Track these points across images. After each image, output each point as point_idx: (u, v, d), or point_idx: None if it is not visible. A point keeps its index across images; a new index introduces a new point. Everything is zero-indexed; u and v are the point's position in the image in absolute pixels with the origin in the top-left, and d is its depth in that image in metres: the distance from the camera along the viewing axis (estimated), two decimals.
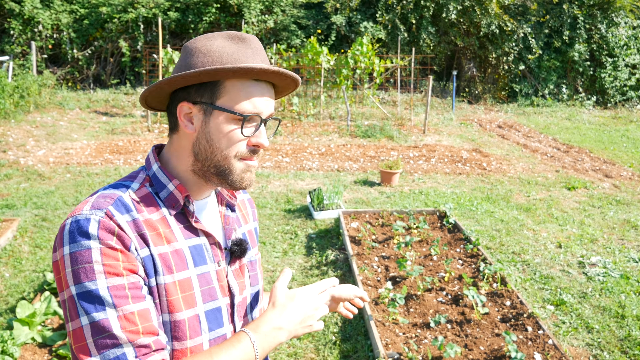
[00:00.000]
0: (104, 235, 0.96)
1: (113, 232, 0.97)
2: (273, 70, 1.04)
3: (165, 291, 1.02)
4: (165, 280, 1.03)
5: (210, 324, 1.09)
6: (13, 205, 5.99)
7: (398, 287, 4.08)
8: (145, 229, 1.03)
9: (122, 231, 0.98)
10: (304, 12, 16.07)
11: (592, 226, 5.90)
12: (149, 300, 1.00)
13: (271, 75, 1.07)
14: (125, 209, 1.03)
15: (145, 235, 1.02)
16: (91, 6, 14.84)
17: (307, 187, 7.03)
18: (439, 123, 12.78)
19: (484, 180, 7.79)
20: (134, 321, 0.95)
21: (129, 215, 1.02)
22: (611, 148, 10.60)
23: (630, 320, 3.85)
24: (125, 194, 1.06)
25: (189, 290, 1.06)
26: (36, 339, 3.24)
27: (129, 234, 0.99)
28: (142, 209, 1.06)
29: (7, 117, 10.35)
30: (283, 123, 11.84)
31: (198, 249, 1.10)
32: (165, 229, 1.07)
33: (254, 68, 1.02)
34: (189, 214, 1.10)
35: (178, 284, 1.05)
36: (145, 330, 0.96)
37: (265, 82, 1.09)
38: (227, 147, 1.07)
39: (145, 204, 1.07)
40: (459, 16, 16.04)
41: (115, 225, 0.98)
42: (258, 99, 1.07)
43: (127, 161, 8.14)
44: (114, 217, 0.99)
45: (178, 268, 1.05)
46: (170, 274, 1.04)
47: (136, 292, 0.97)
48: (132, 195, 1.07)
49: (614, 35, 16.88)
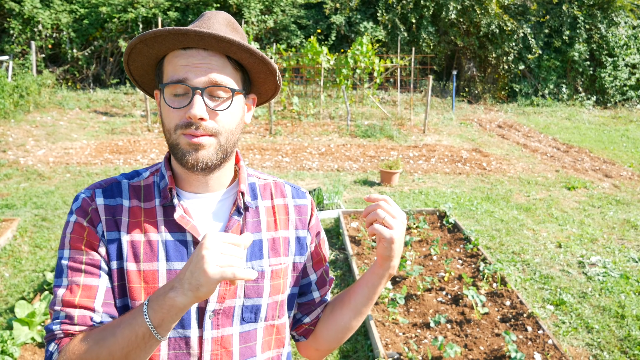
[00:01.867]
0: (80, 212, 1.07)
1: (87, 212, 1.06)
2: (174, 29, 0.97)
3: (127, 277, 1.05)
4: (129, 267, 1.05)
5: None
6: (13, 205, 5.99)
7: (398, 287, 4.08)
8: (124, 215, 1.07)
9: (95, 212, 1.06)
10: (304, 12, 16.07)
11: (592, 226, 5.90)
12: (102, 279, 1.04)
13: (189, 39, 0.99)
14: (114, 194, 1.09)
15: (119, 220, 1.07)
16: (91, 6, 14.84)
17: (307, 187, 7.03)
18: (438, 123, 12.78)
19: (484, 180, 7.79)
20: (75, 293, 1.02)
21: (113, 200, 1.08)
22: (611, 148, 10.60)
23: (630, 320, 3.85)
24: (128, 180, 1.12)
25: (153, 283, 1.05)
26: (36, 339, 3.23)
27: (100, 216, 1.06)
28: (136, 197, 1.10)
29: (6, 116, 10.35)
30: (283, 123, 11.83)
31: (177, 245, 1.07)
32: (150, 219, 1.08)
33: (159, 30, 0.97)
34: (172, 207, 1.09)
35: (143, 274, 1.05)
36: (80, 304, 1.02)
37: (202, 49, 1.01)
38: (168, 121, 1.03)
39: (144, 193, 1.11)
40: (458, 16, 16.04)
41: (91, 206, 1.07)
42: (180, 65, 1.01)
43: (127, 161, 8.14)
44: (95, 199, 1.07)
45: (146, 259, 1.05)
46: (135, 262, 1.05)
47: (91, 268, 1.04)
48: (136, 182, 1.12)
49: (613, 35, 16.87)
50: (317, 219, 1.28)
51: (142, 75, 1.13)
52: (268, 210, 1.17)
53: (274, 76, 1.11)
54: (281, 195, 1.21)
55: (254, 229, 1.14)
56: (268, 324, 1.15)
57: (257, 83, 1.15)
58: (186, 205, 1.10)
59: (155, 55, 1.06)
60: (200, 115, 0.99)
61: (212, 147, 1.03)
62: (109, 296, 1.05)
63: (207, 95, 1.02)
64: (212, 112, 1.02)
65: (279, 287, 1.15)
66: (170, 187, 1.08)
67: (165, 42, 1.00)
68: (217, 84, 1.02)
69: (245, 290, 1.10)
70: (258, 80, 1.13)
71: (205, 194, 1.12)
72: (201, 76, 1.00)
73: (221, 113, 1.03)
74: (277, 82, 1.13)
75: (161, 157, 8.50)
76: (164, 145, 9.36)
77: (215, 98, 1.03)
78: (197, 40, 0.99)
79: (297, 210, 1.22)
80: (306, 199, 1.25)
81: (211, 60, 1.01)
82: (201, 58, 1.01)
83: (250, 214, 1.14)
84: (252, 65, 1.07)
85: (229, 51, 1.02)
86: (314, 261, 1.26)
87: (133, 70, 1.11)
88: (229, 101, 1.04)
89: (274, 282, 1.14)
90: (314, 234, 1.24)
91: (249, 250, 1.12)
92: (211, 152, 1.03)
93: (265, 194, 1.19)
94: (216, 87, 1.02)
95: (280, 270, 1.15)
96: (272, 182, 1.23)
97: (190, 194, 1.12)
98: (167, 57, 1.04)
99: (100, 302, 1.03)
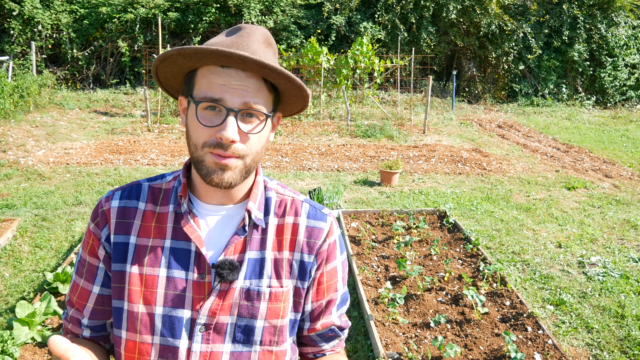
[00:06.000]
0: (93, 216, 1.13)
1: (97, 215, 1.12)
2: (218, 51, 0.95)
3: (129, 279, 1.07)
4: (132, 270, 1.07)
5: (164, 330, 1.05)
6: (13, 205, 5.99)
7: (398, 287, 4.08)
8: (137, 218, 1.10)
9: (104, 214, 1.11)
10: (304, 12, 16.07)
11: (592, 226, 5.90)
12: (95, 286, 1.12)
13: (230, 60, 0.97)
14: (131, 196, 1.12)
15: (130, 223, 1.09)
16: (91, 6, 14.83)
17: (307, 187, 7.03)
18: (439, 123, 12.78)
19: (484, 180, 7.79)
20: (74, 292, 1.15)
21: (130, 202, 1.11)
22: (611, 148, 10.60)
23: (630, 320, 3.85)
24: (150, 182, 1.16)
25: (151, 288, 1.06)
26: (36, 338, 3.23)
27: (109, 218, 1.10)
28: (153, 201, 1.12)
29: (7, 117, 10.35)
30: (283, 123, 11.83)
31: (180, 253, 1.07)
32: (160, 224, 1.09)
33: (201, 49, 0.96)
34: (182, 215, 1.09)
35: (144, 278, 1.07)
36: (76, 304, 1.15)
37: (242, 71, 1.00)
38: (196, 136, 1.01)
39: (163, 197, 1.13)
40: (458, 16, 16.04)
41: (104, 208, 1.12)
42: (218, 84, 0.99)
43: (127, 161, 8.14)
44: (111, 200, 1.12)
45: (149, 263, 1.07)
46: (139, 265, 1.07)
47: (90, 274, 1.13)
48: (158, 185, 1.15)
49: (613, 35, 16.87)
50: (334, 246, 1.17)
51: (168, 78, 1.12)
52: (277, 229, 1.13)
53: (303, 100, 1.11)
54: (294, 214, 1.15)
55: (258, 247, 1.10)
56: (265, 349, 1.09)
57: (286, 103, 1.14)
58: (198, 214, 1.10)
59: (190, 67, 1.05)
60: (232, 138, 0.98)
61: (238, 169, 1.03)
62: (99, 302, 1.14)
63: (240, 117, 1.01)
64: (243, 134, 1.01)
65: (278, 310, 1.09)
66: (182, 194, 1.08)
67: (205, 58, 0.99)
68: (252, 108, 1.00)
69: (238, 308, 1.07)
70: (288, 101, 1.13)
71: (219, 205, 1.11)
72: (237, 98, 0.99)
73: (252, 137, 1.03)
74: (305, 103, 1.12)
75: (161, 157, 8.50)
76: (163, 146, 9.36)
77: (248, 120, 1.02)
78: (239, 63, 0.97)
79: (308, 233, 1.14)
80: (324, 222, 1.16)
81: (249, 82, 1.00)
82: (239, 79, 0.99)
83: (257, 231, 1.11)
84: (287, 89, 1.07)
85: (268, 76, 1.01)
86: (313, 290, 1.16)
87: (161, 74, 1.10)
88: (261, 125, 1.04)
89: (273, 305, 1.09)
90: (322, 261, 1.15)
91: (249, 268, 1.08)
92: (237, 173, 1.03)
93: (278, 211, 1.15)
94: (251, 111, 1.01)
95: (280, 294, 1.09)
96: (290, 199, 1.17)
97: (205, 204, 1.11)
98: (202, 71, 1.02)
99: (89, 308, 1.14)
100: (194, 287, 1.06)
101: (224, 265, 1.04)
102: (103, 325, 1.16)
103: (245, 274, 1.08)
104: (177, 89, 1.16)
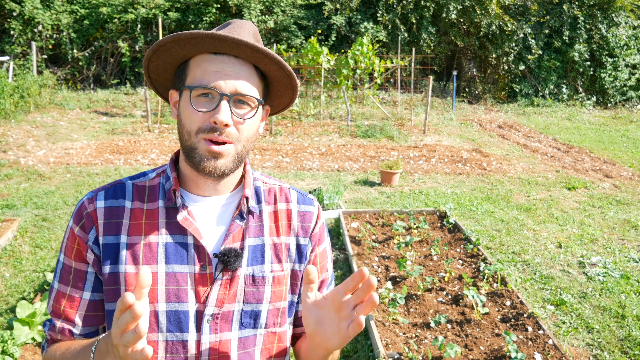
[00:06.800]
0: (75, 218, 1.09)
1: (81, 217, 1.08)
2: (213, 34, 0.97)
3: (125, 280, 1.05)
4: (127, 270, 1.05)
5: (171, 325, 1.05)
6: (13, 205, 5.99)
7: (398, 287, 4.08)
8: (125, 217, 1.08)
9: (90, 216, 1.07)
10: (304, 13, 16.07)
11: (592, 226, 5.90)
12: (86, 292, 1.09)
13: (224, 45, 1.00)
14: (117, 195, 1.10)
15: (119, 223, 1.07)
16: (91, 6, 14.84)
17: (308, 187, 7.03)
18: (439, 123, 12.78)
19: (484, 180, 7.79)
20: (60, 302, 1.10)
21: (116, 202, 1.09)
22: (611, 148, 10.60)
23: (631, 320, 3.85)
24: (133, 181, 1.13)
25: (152, 285, 1.05)
26: (36, 339, 3.24)
27: (97, 220, 1.07)
28: (139, 198, 1.11)
29: (7, 117, 10.35)
30: (283, 123, 11.84)
31: (178, 247, 1.07)
32: (151, 220, 1.08)
33: (196, 33, 0.97)
34: (175, 209, 1.09)
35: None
36: (64, 314, 1.09)
37: (234, 57, 1.03)
38: (189, 123, 1.03)
39: (148, 194, 1.11)
40: (459, 16, 16.04)
41: (89, 210, 1.08)
42: (211, 71, 1.02)
43: (127, 161, 8.14)
44: (96, 201, 1.09)
45: (145, 261, 1.05)
46: (134, 264, 1.05)
47: (77, 280, 1.09)
48: (141, 182, 1.13)
49: (614, 35, 16.87)
50: (323, 229, 1.23)
51: (159, 73, 1.13)
52: (271, 215, 1.17)
53: (292, 91, 1.14)
54: (285, 200, 1.20)
55: (256, 234, 1.13)
56: (269, 331, 1.13)
57: (274, 95, 1.17)
58: (190, 207, 1.10)
59: (183, 56, 1.06)
60: (226, 121, 1.00)
61: (230, 156, 1.05)
62: (91, 308, 1.10)
63: (233, 102, 1.03)
64: (236, 119, 1.04)
65: (281, 293, 1.14)
66: (174, 188, 1.08)
67: (199, 44, 1.01)
68: (245, 93, 1.03)
69: (244, 295, 1.09)
70: (276, 92, 1.15)
71: (210, 197, 1.12)
72: (230, 84, 1.02)
73: (244, 123, 1.05)
74: (293, 96, 1.15)
75: (161, 157, 8.50)
76: (164, 146, 9.36)
77: (240, 107, 1.04)
78: (232, 47, 1.00)
79: (300, 217, 1.19)
80: (312, 206, 1.22)
81: (241, 68, 1.03)
82: (232, 65, 1.03)
83: (253, 218, 1.14)
84: (277, 77, 1.10)
85: (260, 61, 1.04)
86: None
87: (152, 67, 1.11)
88: (253, 111, 1.06)
89: (276, 288, 1.13)
90: (315, 243, 1.21)
91: (250, 255, 1.11)
92: (229, 161, 1.05)
93: (269, 199, 1.19)
94: (243, 96, 1.04)
95: (282, 277, 1.14)
96: (278, 187, 1.22)
97: (196, 196, 1.12)
98: (195, 60, 1.05)
99: (81, 315, 1.10)
100: (197, 279, 1.06)
101: (230, 253, 1.05)
102: (96, 331, 1.14)
103: (247, 260, 1.10)
104: (166, 86, 1.17)
